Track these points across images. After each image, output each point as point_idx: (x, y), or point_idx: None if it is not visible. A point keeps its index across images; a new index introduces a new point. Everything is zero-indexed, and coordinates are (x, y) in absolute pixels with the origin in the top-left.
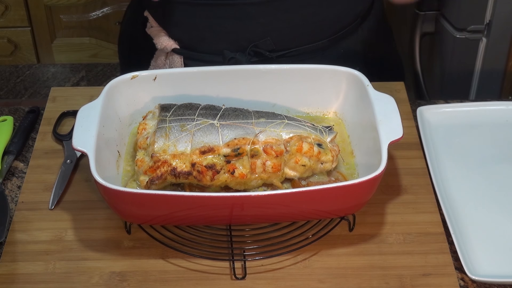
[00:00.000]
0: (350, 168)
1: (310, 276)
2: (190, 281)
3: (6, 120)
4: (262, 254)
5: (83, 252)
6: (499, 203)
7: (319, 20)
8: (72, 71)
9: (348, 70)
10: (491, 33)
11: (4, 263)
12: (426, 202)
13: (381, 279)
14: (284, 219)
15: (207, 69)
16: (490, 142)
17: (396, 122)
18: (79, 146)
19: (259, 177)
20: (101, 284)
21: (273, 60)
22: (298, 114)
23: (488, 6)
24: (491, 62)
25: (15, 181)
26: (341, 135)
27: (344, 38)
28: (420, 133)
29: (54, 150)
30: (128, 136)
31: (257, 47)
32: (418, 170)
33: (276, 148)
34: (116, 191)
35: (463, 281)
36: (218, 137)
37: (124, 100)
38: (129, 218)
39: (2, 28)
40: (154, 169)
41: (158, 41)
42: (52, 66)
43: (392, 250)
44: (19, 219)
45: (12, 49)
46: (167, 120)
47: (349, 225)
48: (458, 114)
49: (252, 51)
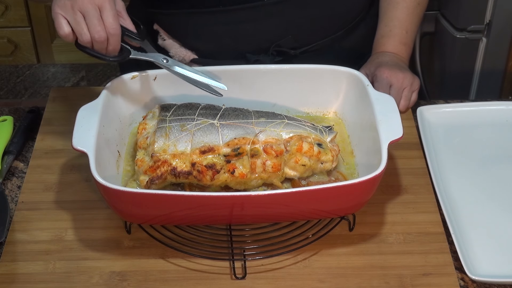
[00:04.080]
0: (350, 168)
1: (310, 275)
2: (190, 281)
3: (6, 120)
4: (262, 254)
5: (83, 252)
6: (499, 203)
7: (336, 11)
8: (72, 71)
9: (348, 70)
10: (491, 33)
11: (4, 263)
12: (426, 202)
13: (381, 279)
14: (284, 219)
15: (207, 69)
16: (490, 142)
17: (396, 122)
18: (79, 146)
19: (259, 177)
20: (101, 284)
21: (296, 57)
22: (298, 114)
23: (488, 6)
24: (491, 62)
25: (15, 181)
26: (341, 135)
27: (357, 26)
28: (420, 133)
29: (54, 150)
30: (128, 136)
31: (279, 46)
32: (418, 170)
33: (276, 147)
34: (116, 190)
35: (463, 281)
36: (218, 137)
37: (124, 100)
38: (129, 218)
39: (2, 28)
40: (154, 169)
41: (175, 53)
42: (52, 66)
43: (392, 250)
44: (19, 219)
45: (12, 49)
46: (167, 120)
47: (349, 225)
48: (458, 114)
49: (275, 50)
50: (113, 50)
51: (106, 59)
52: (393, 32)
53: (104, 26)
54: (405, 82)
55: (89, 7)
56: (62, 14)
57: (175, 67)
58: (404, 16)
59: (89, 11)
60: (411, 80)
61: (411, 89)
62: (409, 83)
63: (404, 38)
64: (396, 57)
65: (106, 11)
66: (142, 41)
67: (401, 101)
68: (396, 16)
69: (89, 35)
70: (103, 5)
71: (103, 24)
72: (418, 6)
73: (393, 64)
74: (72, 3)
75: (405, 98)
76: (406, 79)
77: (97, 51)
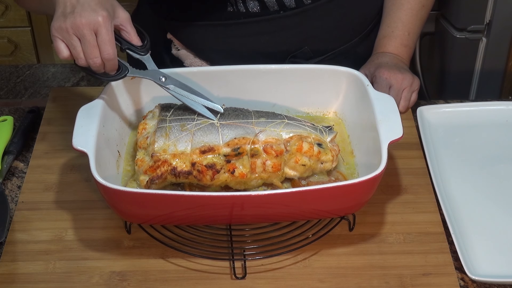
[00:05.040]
0: (350, 168)
1: (310, 275)
2: (190, 281)
3: (6, 120)
4: (262, 253)
5: (83, 252)
6: (499, 203)
7: (350, 20)
8: (72, 71)
9: (348, 70)
10: (491, 33)
11: (4, 263)
12: (426, 202)
13: (381, 279)
14: (284, 218)
15: (207, 69)
16: (490, 142)
17: (396, 122)
18: (79, 146)
19: (259, 177)
20: (101, 283)
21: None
22: (298, 114)
23: (488, 6)
24: (491, 62)
25: (15, 181)
26: (341, 135)
27: (371, 32)
28: (420, 133)
29: (54, 150)
30: (128, 136)
31: (295, 57)
32: (418, 170)
33: (276, 147)
34: (116, 190)
35: (463, 281)
36: (218, 136)
37: (124, 100)
38: (129, 218)
39: (2, 28)
40: (154, 169)
41: (190, 64)
42: (52, 66)
43: (392, 249)
44: (19, 219)
45: (12, 49)
46: (167, 119)
47: (349, 225)
48: (458, 114)
49: (291, 62)
50: (110, 71)
51: (103, 79)
52: (395, 33)
53: (99, 52)
54: (405, 82)
55: (84, 32)
56: (60, 38)
57: (170, 86)
58: (407, 18)
59: (85, 35)
60: (410, 81)
61: (410, 89)
62: (408, 84)
63: (405, 40)
64: (396, 58)
65: (101, 36)
66: (145, 55)
67: (400, 102)
68: (400, 17)
69: (85, 60)
70: (98, 30)
71: (98, 50)
72: (422, 8)
73: (392, 65)
74: (68, 27)
75: (405, 99)
76: (405, 80)
77: (95, 72)
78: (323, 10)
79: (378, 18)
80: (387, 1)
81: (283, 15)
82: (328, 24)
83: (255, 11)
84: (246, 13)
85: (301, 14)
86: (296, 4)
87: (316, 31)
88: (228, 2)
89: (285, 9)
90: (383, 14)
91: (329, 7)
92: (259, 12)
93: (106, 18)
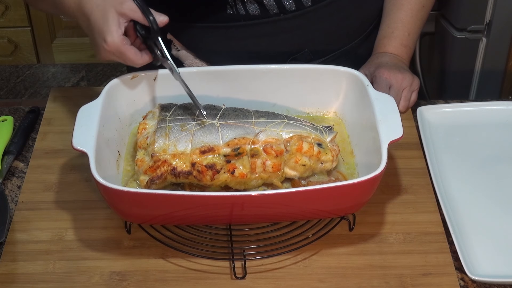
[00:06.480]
0: (350, 167)
1: (310, 275)
2: (190, 281)
3: (6, 120)
4: (262, 253)
5: (83, 251)
6: (499, 203)
7: (350, 22)
8: (72, 71)
9: (348, 70)
10: (491, 33)
11: (4, 263)
12: (426, 202)
13: (381, 279)
14: (284, 218)
15: (207, 69)
16: (490, 142)
17: (396, 121)
18: (79, 146)
19: (259, 177)
20: (101, 283)
21: None
22: (298, 114)
23: (488, 6)
24: (491, 62)
25: (15, 181)
26: (341, 135)
27: (371, 33)
28: (420, 133)
29: (54, 150)
30: (128, 136)
31: (296, 59)
32: (418, 170)
33: (276, 147)
34: (116, 190)
35: (463, 281)
36: (218, 136)
37: (124, 100)
38: (129, 218)
39: (2, 28)
40: (154, 169)
41: (190, 64)
42: (52, 66)
43: (392, 249)
44: (19, 219)
45: (12, 49)
46: (167, 120)
47: (349, 225)
48: (458, 114)
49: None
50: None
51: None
52: (395, 33)
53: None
54: (404, 82)
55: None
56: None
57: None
58: (407, 19)
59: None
60: (410, 81)
61: (410, 89)
62: (408, 84)
63: (405, 40)
64: (396, 58)
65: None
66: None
67: (400, 102)
68: (400, 17)
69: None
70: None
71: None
72: (422, 9)
73: (392, 65)
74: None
75: (405, 99)
76: (405, 80)
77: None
78: (323, 13)
79: (378, 19)
80: (387, 1)
81: (283, 18)
82: (328, 27)
83: (255, 14)
84: (246, 16)
85: (301, 17)
86: (296, 7)
87: (316, 33)
88: (227, 4)
89: (285, 12)
90: (383, 14)
91: (329, 10)
92: (259, 15)
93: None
